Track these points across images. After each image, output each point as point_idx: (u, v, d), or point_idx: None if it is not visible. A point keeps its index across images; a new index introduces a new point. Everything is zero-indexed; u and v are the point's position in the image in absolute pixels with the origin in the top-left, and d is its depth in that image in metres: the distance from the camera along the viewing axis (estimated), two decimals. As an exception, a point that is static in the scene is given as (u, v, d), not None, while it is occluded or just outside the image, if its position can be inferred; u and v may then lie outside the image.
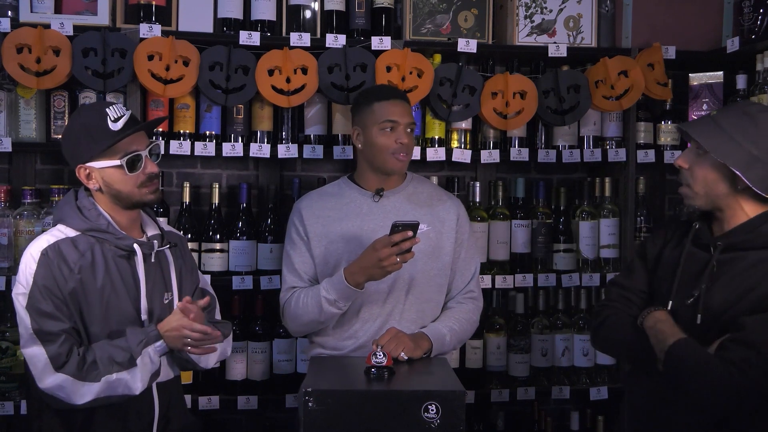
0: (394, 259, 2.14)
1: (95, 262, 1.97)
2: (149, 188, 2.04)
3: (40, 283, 1.92)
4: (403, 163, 2.38)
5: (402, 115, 2.36)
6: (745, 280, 1.86)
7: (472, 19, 3.00)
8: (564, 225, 3.06)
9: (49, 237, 1.98)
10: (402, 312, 2.36)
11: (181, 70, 2.73)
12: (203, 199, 3.09)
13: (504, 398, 2.98)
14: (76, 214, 2.00)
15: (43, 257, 1.93)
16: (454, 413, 1.84)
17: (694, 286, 1.93)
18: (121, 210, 2.05)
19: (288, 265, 2.43)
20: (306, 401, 1.83)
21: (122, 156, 1.97)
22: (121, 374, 1.92)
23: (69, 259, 1.95)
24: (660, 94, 3.00)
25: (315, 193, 2.51)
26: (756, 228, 1.88)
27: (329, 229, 2.38)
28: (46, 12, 2.75)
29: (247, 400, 2.85)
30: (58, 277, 1.93)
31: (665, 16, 3.09)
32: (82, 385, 1.89)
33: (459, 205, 2.51)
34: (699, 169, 1.91)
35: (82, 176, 2.01)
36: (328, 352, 2.38)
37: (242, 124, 2.90)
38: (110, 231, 2.00)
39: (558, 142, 3.05)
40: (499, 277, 2.98)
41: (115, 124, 1.96)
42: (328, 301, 2.26)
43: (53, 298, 1.92)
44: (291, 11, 2.94)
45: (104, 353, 1.92)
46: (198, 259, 2.88)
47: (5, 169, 2.97)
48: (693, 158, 1.93)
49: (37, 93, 2.78)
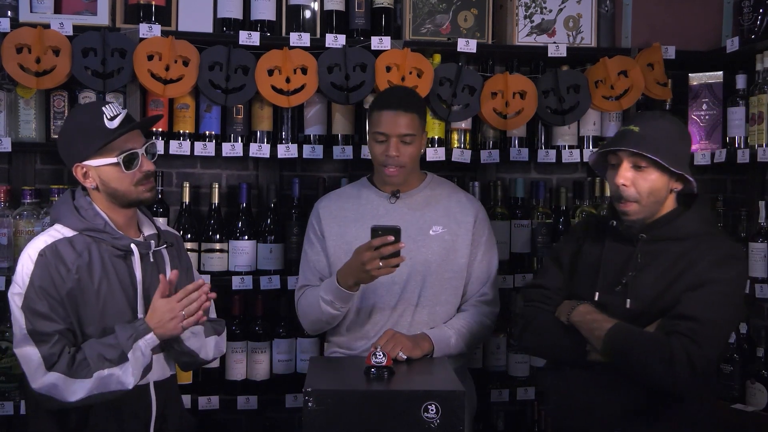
0: (377, 263, 2.12)
1: (92, 262, 1.97)
2: (146, 186, 2.04)
3: (37, 284, 1.92)
4: (393, 176, 2.35)
5: (393, 126, 2.31)
6: (670, 268, 2.00)
7: (471, 19, 3.00)
8: (564, 225, 3.06)
9: (47, 237, 1.98)
10: (414, 314, 2.36)
11: (181, 70, 2.73)
12: (203, 199, 3.09)
13: (504, 398, 2.98)
14: (73, 213, 2.00)
15: (41, 258, 1.94)
16: (454, 413, 1.84)
17: (620, 276, 2.05)
18: (118, 209, 2.05)
19: (304, 263, 2.47)
20: (306, 401, 1.83)
21: (119, 154, 1.98)
22: (113, 369, 1.91)
23: (66, 259, 1.95)
24: (660, 94, 3.00)
25: (334, 194, 2.53)
26: (672, 221, 2.05)
27: (345, 229, 2.39)
28: (46, 12, 2.75)
29: (247, 400, 2.85)
30: (55, 277, 1.93)
31: (665, 16, 3.08)
32: (74, 382, 1.89)
33: (479, 206, 2.50)
34: (643, 182, 2.03)
35: (78, 175, 2.02)
36: (343, 351, 2.41)
37: (242, 124, 2.90)
38: (107, 231, 2.00)
39: (558, 142, 3.05)
40: (499, 277, 2.97)
41: (111, 123, 1.97)
42: (324, 301, 2.28)
43: (49, 299, 1.92)
44: (291, 11, 2.94)
45: (94, 351, 1.92)
46: (198, 259, 2.88)
47: (5, 169, 2.97)
48: (633, 175, 2.03)
49: (36, 93, 2.78)
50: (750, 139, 2.75)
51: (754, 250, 2.68)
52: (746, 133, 2.79)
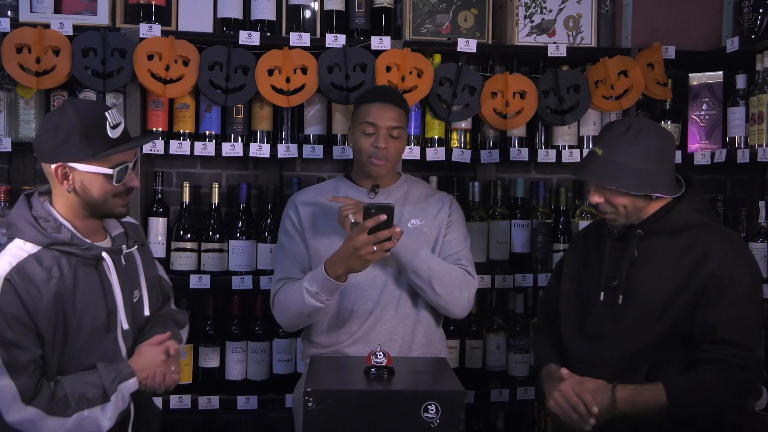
0: (371, 248, 2.08)
1: (63, 276, 1.85)
2: (123, 200, 1.94)
3: (7, 311, 1.77)
4: (379, 167, 2.33)
5: (383, 118, 2.30)
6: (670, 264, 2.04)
7: (471, 19, 3.00)
8: (564, 225, 3.06)
9: (10, 258, 1.82)
10: (397, 306, 2.34)
11: (181, 70, 2.73)
12: (203, 199, 3.09)
13: (504, 398, 2.98)
14: (33, 227, 1.85)
15: (7, 284, 1.78)
16: (454, 413, 1.84)
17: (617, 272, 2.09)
18: (85, 217, 1.93)
19: (281, 257, 2.39)
20: (306, 401, 1.82)
21: (113, 165, 1.88)
22: (93, 411, 1.84)
23: (36, 278, 1.81)
24: (660, 94, 3.00)
25: (311, 189, 2.50)
26: (664, 216, 2.07)
27: (324, 223, 2.35)
28: (46, 12, 2.75)
29: (247, 400, 2.85)
30: (27, 301, 1.79)
31: (665, 16, 3.08)
32: (51, 419, 1.80)
33: (451, 198, 2.48)
34: (615, 199, 2.06)
35: (58, 174, 1.86)
36: (324, 350, 2.35)
37: (242, 124, 2.90)
38: (74, 242, 1.87)
39: (558, 141, 3.05)
40: (499, 277, 2.98)
41: (113, 131, 1.87)
42: (309, 293, 2.20)
43: (20, 326, 1.78)
44: (291, 11, 2.94)
45: (75, 389, 1.83)
46: (198, 259, 2.88)
47: (5, 169, 2.97)
48: (604, 195, 2.07)
49: (36, 93, 2.78)
50: (750, 139, 2.76)
51: (755, 250, 2.68)
52: (746, 133, 2.79)
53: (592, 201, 2.09)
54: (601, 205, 2.08)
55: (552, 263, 3.05)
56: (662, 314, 2.01)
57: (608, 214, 2.09)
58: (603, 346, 2.09)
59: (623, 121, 2.13)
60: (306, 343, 2.44)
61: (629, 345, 2.04)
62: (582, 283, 2.21)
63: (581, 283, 2.20)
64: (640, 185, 2.01)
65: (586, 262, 2.22)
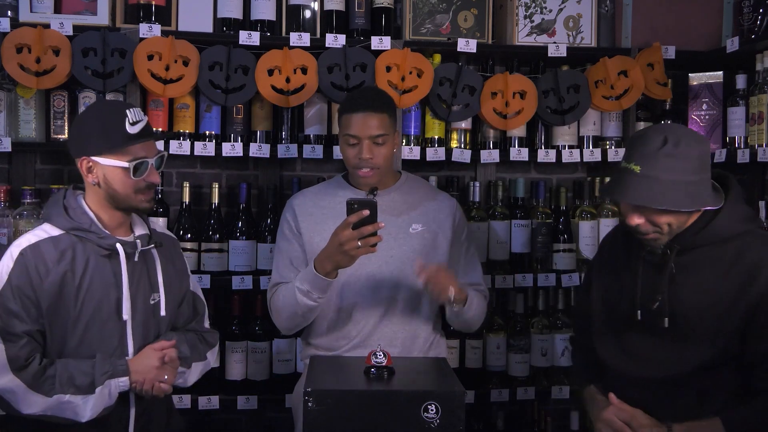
0: (355, 243, 2.07)
1: (75, 261, 1.96)
2: (146, 196, 2.04)
3: (14, 283, 1.91)
4: (367, 177, 2.31)
5: (365, 128, 2.26)
6: (705, 277, 1.91)
7: (471, 19, 3.00)
8: (564, 225, 3.06)
9: (31, 236, 1.97)
10: (395, 311, 2.34)
11: (181, 70, 2.73)
12: (203, 199, 3.09)
13: (504, 398, 2.98)
14: (62, 212, 1.99)
15: (21, 257, 1.93)
16: (454, 413, 1.84)
17: (655, 290, 1.95)
18: (111, 210, 2.04)
19: (278, 260, 2.40)
20: (306, 401, 1.82)
21: (131, 159, 1.98)
22: (75, 398, 1.89)
23: (47, 258, 1.94)
24: (660, 94, 3.00)
25: (309, 191, 2.50)
26: (704, 227, 1.92)
27: (322, 226, 2.34)
28: (46, 12, 2.75)
29: (247, 400, 2.85)
30: (33, 277, 1.92)
31: (665, 16, 3.09)
32: (33, 394, 1.87)
33: (456, 205, 2.48)
34: (658, 218, 1.88)
35: (83, 168, 2.01)
36: (323, 353, 2.36)
37: (242, 124, 2.90)
38: (93, 230, 1.99)
39: (558, 142, 3.05)
40: (499, 277, 2.98)
41: (132, 127, 1.97)
42: (301, 292, 2.21)
43: (23, 298, 1.91)
44: (291, 11, 2.94)
45: (65, 372, 1.90)
46: (198, 259, 2.88)
47: (5, 169, 2.97)
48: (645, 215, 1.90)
49: (36, 93, 2.78)
50: (750, 139, 2.76)
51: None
52: (746, 133, 2.79)
53: (632, 223, 1.90)
54: (642, 225, 1.90)
55: (552, 263, 3.05)
56: (713, 337, 1.89)
57: (650, 234, 1.91)
58: (645, 366, 1.98)
59: (656, 130, 1.90)
60: (305, 345, 2.45)
61: (675, 366, 1.93)
62: (614, 297, 2.08)
63: (613, 298, 2.08)
64: (691, 202, 1.84)
65: (617, 276, 2.08)
